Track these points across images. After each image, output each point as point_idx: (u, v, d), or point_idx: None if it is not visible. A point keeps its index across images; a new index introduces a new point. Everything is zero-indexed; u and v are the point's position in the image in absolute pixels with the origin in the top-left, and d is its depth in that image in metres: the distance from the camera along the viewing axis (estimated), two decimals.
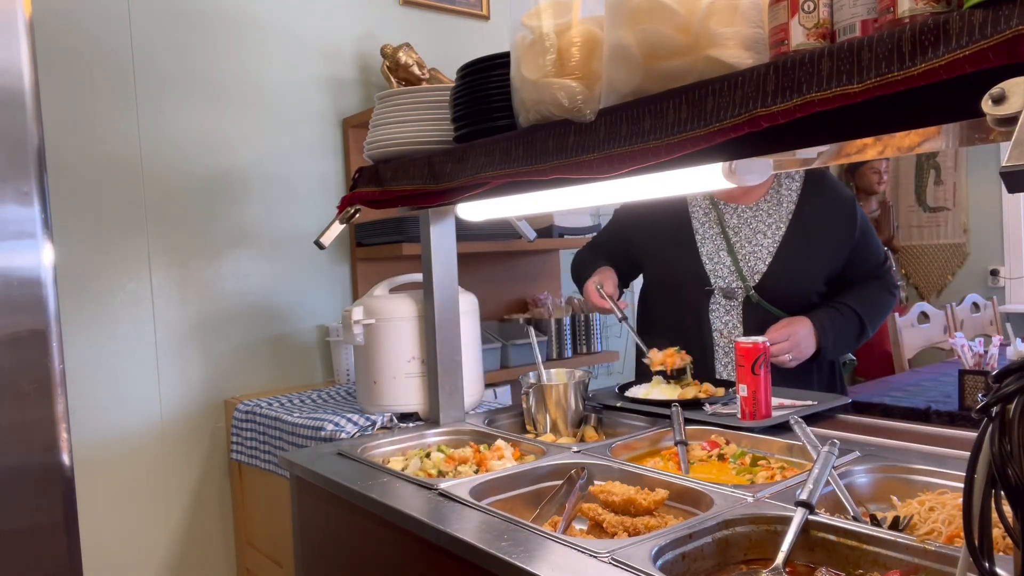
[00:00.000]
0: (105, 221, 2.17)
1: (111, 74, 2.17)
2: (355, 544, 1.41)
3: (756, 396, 1.52)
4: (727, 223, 1.96)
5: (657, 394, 1.77)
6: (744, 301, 1.92)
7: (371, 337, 1.82)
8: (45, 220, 1.08)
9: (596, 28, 1.11)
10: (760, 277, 1.90)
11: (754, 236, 1.94)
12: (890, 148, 0.95)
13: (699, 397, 1.72)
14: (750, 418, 1.53)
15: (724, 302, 1.93)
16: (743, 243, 1.94)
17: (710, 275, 1.94)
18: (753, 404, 1.53)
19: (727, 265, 1.93)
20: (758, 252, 1.93)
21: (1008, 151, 0.60)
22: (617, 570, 0.92)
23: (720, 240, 1.96)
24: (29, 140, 1.07)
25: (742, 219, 1.96)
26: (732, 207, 1.98)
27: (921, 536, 0.99)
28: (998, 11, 0.65)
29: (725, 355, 1.94)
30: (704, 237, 1.97)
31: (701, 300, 1.95)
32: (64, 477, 1.10)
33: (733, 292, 1.92)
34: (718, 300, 1.94)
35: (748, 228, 1.95)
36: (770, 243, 1.93)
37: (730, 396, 1.72)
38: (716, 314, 1.94)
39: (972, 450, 0.66)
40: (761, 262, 1.91)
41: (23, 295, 1.06)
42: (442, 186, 1.42)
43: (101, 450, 2.15)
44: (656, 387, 1.81)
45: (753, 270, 1.91)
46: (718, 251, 1.95)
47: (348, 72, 2.63)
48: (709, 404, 1.68)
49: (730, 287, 1.92)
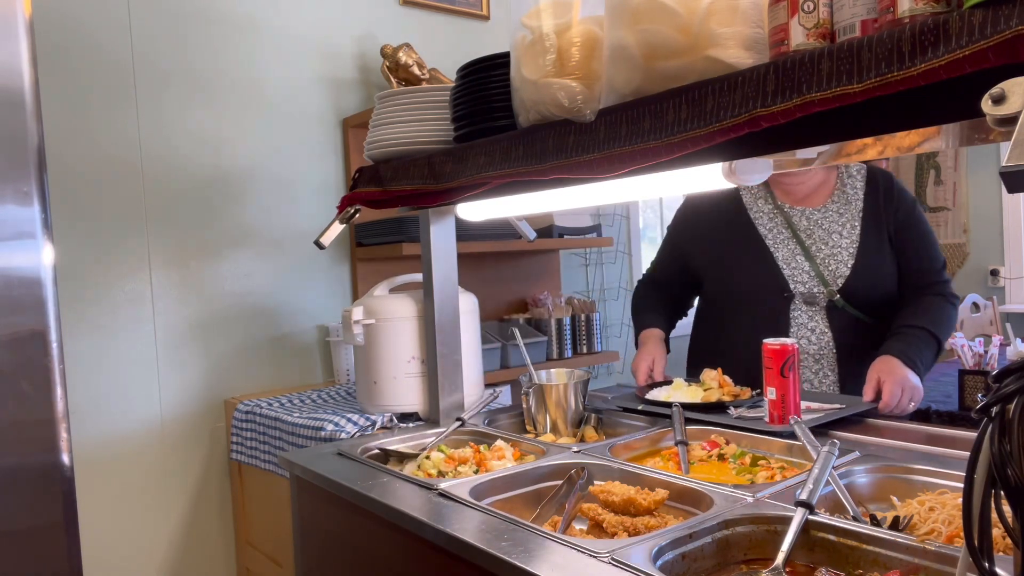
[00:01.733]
0: (105, 221, 2.17)
1: (111, 74, 2.17)
2: (355, 544, 1.41)
3: (785, 399, 1.47)
4: (797, 226, 1.90)
5: (679, 397, 1.71)
6: (827, 306, 1.85)
7: (371, 337, 1.82)
8: (45, 220, 1.08)
9: (596, 28, 1.11)
10: (844, 280, 1.84)
11: (829, 238, 1.88)
12: (890, 148, 0.95)
13: (723, 400, 1.66)
14: (779, 422, 1.47)
15: (805, 308, 1.87)
16: (819, 246, 1.88)
17: (788, 281, 1.87)
18: (782, 408, 1.47)
19: (806, 270, 1.87)
20: (838, 254, 1.86)
21: (1008, 151, 0.60)
22: (617, 570, 0.92)
23: (794, 244, 1.89)
24: (29, 140, 1.07)
25: (812, 221, 1.90)
26: (799, 210, 1.92)
27: (921, 536, 0.99)
28: (998, 11, 0.65)
29: (815, 362, 1.87)
30: (776, 242, 1.91)
31: (780, 308, 1.88)
32: (64, 477, 1.10)
33: (815, 297, 1.85)
34: (799, 306, 1.87)
35: (821, 230, 1.89)
36: (848, 244, 1.87)
37: (755, 399, 1.67)
38: (798, 321, 1.87)
39: (972, 450, 0.66)
40: (843, 265, 1.85)
41: (23, 295, 1.06)
42: (442, 186, 1.42)
43: (101, 450, 2.15)
44: (678, 390, 1.76)
45: (835, 273, 1.85)
46: (794, 256, 1.88)
47: (348, 72, 2.63)
48: (734, 408, 1.63)
49: (811, 292, 1.85)
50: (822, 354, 1.87)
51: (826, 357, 1.87)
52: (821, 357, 1.87)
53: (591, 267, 3.44)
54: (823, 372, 1.88)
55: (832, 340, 1.86)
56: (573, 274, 3.36)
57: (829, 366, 1.88)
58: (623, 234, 3.57)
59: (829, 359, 1.87)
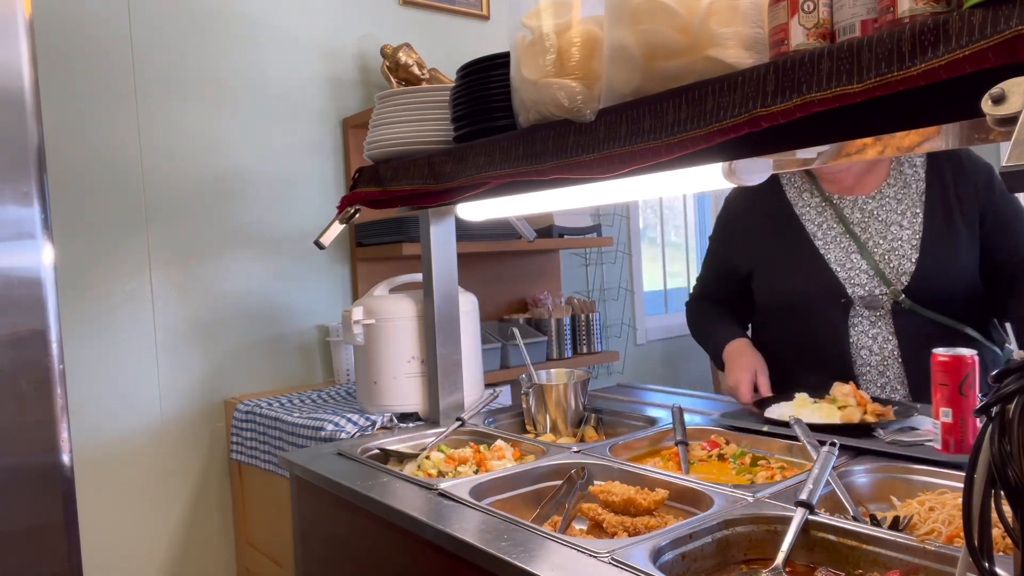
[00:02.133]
0: (105, 221, 2.17)
1: (111, 74, 2.17)
2: (355, 544, 1.41)
3: (964, 421, 1.21)
4: (849, 219, 1.67)
5: (809, 415, 1.44)
6: (892, 309, 1.62)
7: (371, 337, 1.82)
8: (45, 220, 1.08)
9: (596, 28, 1.11)
10: (909, 277, 1.60)
11: (887, 230, 1.64)
12: (890, 148, 0.95)
13: (867, 421, 1.39)
14: (955, 450, 1.21)
15: (867, 314, 1.63)
16: (876, 240, 1.64)
17: (845, 285, 1.64)
18: (960, 432, 1.21)
19: (863, 269, 1.63)
20: (899, 248, 1.62)
21: (1008, 151, 0.60)
22: (617, 570, 0.92)
23: (846, 241, 1.66)
24: (29, 140, 1.07)
25: (866, 212, 1.66)
26: (850, 200, 1.69)
27: (921, 536, 0.99)
28: (998, 11, 0.65)
29: (880, 375, 1.64)
30: (826, 240, 1.68)
31: (837, 316, 1.65)
32: (64, 477, 1.10)
33: (877, 300, 1.62)
34: (859, 312, 1.64)
35: (877, 221, 1.65)
36: (910, 235, 1.62)
37: (904, 420, 1.41)
38: (859, 329, 1.64)
39: (972, 450, 0.67)
40: (906, 259, 1.61)
41: (23, 295, 1.06)
42: (442, 186, 1.42)
43: (101, 450, 2.15)
44: (804, 407, 1.49)
45: (898, 270, 1.61)
46: (848, 254, 1.66)
47: (348, 72, 2.63)
48: (882, 429, 1.37)
49: (871, 295, 1.62)
50: (886, 365, 1.64)
51: (891, 368, 1.64)
52: (886, 369, 1.64)
53: (591, 267, 3.44)
54: (891, 386, 1.64)
55: (897, 348, 1.62)
56: (573, 274, 3.36)
57: (897, 379, 1.64)
58: (623, 234, 3.57)
59: (895, 370, 1.63)
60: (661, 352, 3.78)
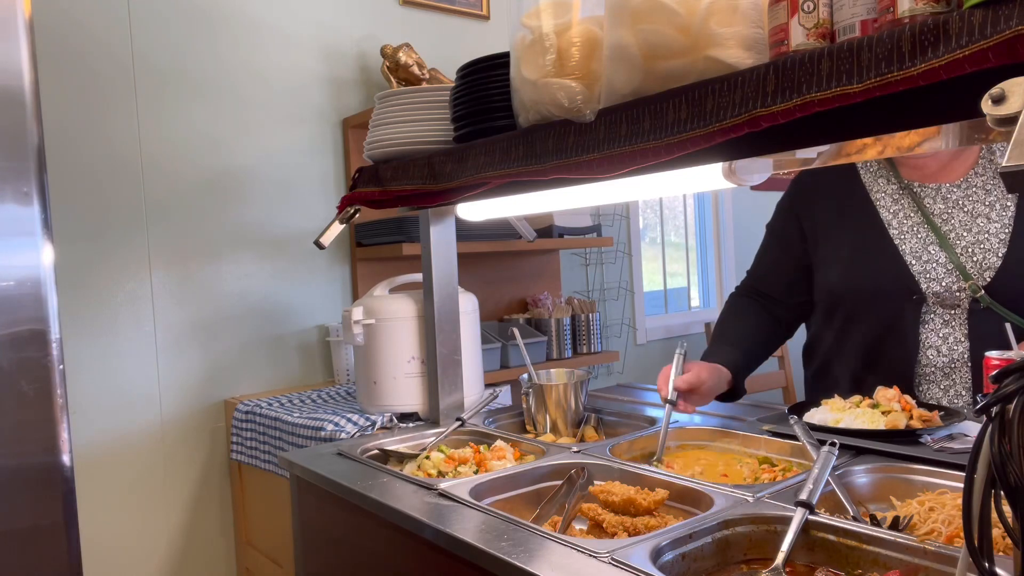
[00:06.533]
0: (105, 221, 2.17)
1: (111, 74, 2.17)
2: (355, 544, 1.41)
3: None
4: (930, 210, 1.54)
5: (850, 421, 1.35)
6: (968, 308, 1.49)
7: (371, 337, 1.82)
8: (45, 220, 1.08)
9: (596, 28, 1.11)
10: (992, 273, 1.47)
11: (972, 222, 1.51)
12: (890, 148, 0.94)
13: (913, 427, 1.30)
14: None
15: (941, 311, 1.51)
16: (959, 232, 1.52)
17: (919, 279, 1.52)
18: None
19: (942, 263, 1.51)
20: (984, 241, 1.49)
21: (1008, 151, 0.60)
22: (617, 570, 0.92)
23: (925, 232, 1.54)
24: (29, 140, 1.07)
25: (950, 202, 1.54)
26: (932, 188, 1.56)
27: (921, 536, 0.99)
28: (998, 11, 0.64)
29: (945, 378, 1.52)
30: (903, 230, 1.56)
31: (907, 313, 1.53)
32: (64, 477, 1.10)
33: (954, 297, 1.49)
34: (932, 310, 1.52)
35: (962, 212, 1.53)
36: (998, 228, 1.49)
37: (952, 426, 1.33)
38: (930, 327, 1.52)
39: (972, 450, 0.66)
40: (992, 254, 1.48)
41: (23, 295, 1.06)
42: (442, 186, 1.42)
43: (101, 450, 2.15)
44: (846, 412, 1.39)
45: (981, 265, 1.48)
46: (926, 247, 1.53)
47: (348, 72, 2.63)
48: (928, 436, 1.29)
49: (948, 291, 1.49)
50: (953, 368, 1.51)
51: (958, 371, 1.52)
52: (952, 371, 1.52)
53: (591, 267, 3.44)
54: (955, 390, 1.53)
55: (968, 350, 1.50)
56: (573, 274, 3.36)
57: (962, 383, 1.52)
58: (623, 234, 3.57)
59: (962, 374, 1.52)
60: (661, 352, 3.78)
